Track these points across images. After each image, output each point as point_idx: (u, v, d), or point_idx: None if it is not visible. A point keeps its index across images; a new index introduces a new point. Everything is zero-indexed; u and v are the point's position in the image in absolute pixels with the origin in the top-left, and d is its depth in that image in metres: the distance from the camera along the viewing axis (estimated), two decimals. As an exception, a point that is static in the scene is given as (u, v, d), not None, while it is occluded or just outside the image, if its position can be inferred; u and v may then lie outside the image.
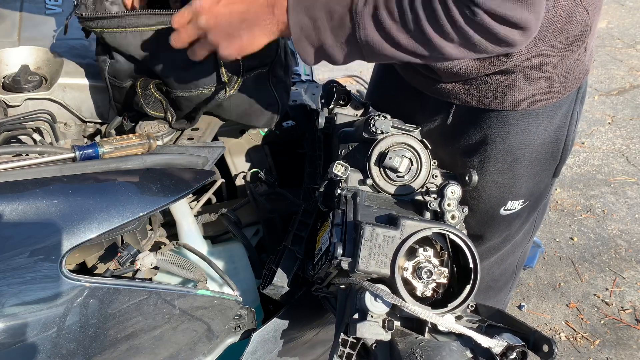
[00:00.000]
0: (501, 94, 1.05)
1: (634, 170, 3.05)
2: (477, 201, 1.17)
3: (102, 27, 1.01)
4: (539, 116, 1.08)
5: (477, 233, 1.23)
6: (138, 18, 1.00)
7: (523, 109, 1.06)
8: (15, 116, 1.06)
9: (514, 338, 0.79)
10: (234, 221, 1.24)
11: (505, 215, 1.20)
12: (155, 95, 1.07)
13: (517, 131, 1.08)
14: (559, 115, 1.10)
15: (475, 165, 1.13)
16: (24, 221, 0.84)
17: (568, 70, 1.05)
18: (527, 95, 1.05)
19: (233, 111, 1.12)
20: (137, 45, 1.02)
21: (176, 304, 0.97)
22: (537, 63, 1.02)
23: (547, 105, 1.07)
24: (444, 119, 1.15)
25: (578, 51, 1.04)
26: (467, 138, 1.13)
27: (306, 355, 1.24)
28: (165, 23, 1.00)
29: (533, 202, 1.22)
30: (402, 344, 0.78)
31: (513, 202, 1.18)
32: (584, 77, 1.11)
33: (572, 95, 1.11)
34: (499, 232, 1.24)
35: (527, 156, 1.12)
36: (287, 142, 1.42)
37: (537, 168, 1.15)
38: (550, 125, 1.10)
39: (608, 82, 3.79)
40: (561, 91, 1.07)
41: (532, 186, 1.17)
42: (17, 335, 0.82)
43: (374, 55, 0.83)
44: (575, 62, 1.05)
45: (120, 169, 0.98)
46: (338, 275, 0.89)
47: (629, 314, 2.28)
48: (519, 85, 1.04)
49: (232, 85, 1.06)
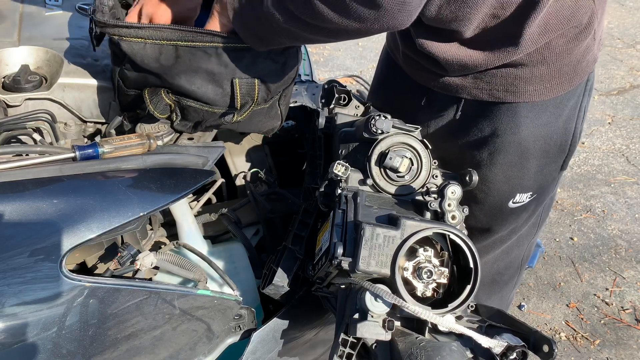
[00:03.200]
0: (512, 86, 1.05)
1: (634, 170, 3.05)
2: (485, 194, 1.17)
3: (121, 35, 0.99)
4: (549, 108, 1.08)
5: (485, 226, 1.23)
6: (160, 31, 0.99)
7: (534, 100, 1.06)
8: (15, 116, 1.06)
9: (514, 338, 0.79)
10: (234, 221, 1.24)
11: (513, 208, 1.20)
12: (165, 100, 1.06)
13: (527, 123, 1.08)
14: (568, 107, 1.11)
15: (484, 158, 1.14)
16: (24, 221, 0.84)
17: (578, 60, 1.05)
18: (538, 87, 1.05)
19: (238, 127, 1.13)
20: (155, 58, 1.01)
21: (176, 304, 0.97)
22: (547, 54, 1.02)
23: (558, 96, 1.07)
24: (452, 114, 1.15)
25: (587, 39, 1.04)
26: (477, 132, 1.13)
27: (306, 355, 1.24)
28: (186, 40, 1.00)
29: (540, 195, 1.22)
30: (403, 344, 0.78)
31: (521, 195, 1.18)
32: (593, 65, 1.11)
33: (581, 87, 1.11)
34: (507, 225, 1.25)
35: (537, 148, 1.12)
36: (287, 142, 1.42)
37: (545, 160, 1.15)
38: (560, 117, 1.11)
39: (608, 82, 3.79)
40: (571, 81, 1.07)
41: (540, 179, 1.18)
42: (17, 335, 0.82)
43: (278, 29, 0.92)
44: (585, 50, 1.05)
45: (120, 169, 0.98)
46: (338, 275, 0.89)
47: (629, 314, 2.28)
48: (529, 77, 1.04)
49: (241, 112, 1.06)
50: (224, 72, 1.02)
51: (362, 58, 4.28)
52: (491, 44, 1.00)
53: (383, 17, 0.81)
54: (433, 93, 1.16)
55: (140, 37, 0.99)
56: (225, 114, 1.06)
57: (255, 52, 1.02)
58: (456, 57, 1.03)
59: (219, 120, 1.08)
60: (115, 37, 1.00)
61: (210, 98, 1.04)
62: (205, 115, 1.07)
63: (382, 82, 1.37)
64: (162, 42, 1.00)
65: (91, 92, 1.19)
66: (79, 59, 1.21)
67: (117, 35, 0.99)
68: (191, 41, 0.99)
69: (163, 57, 1.01)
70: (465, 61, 1.03)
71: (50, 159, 0.94)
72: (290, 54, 1.06)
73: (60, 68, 1.18)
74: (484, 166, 1.14)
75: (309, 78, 1.65)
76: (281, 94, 1.11)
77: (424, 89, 1.17)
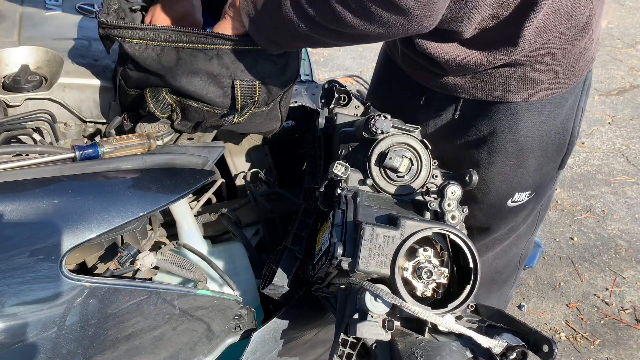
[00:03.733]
0: (510, 85, 1.05)
1: (634, 170, 3.05)
2: (484, 193, 1.18)
3: (123, 36, 1.00)
4: (547, 107, 1.09)
5: (484, 225, 1.24)
6: (161, 33, 0.99)
7: (532, 100, 1.07)
8: (16, 116, 1.06)
9: (514, 338, 0.79)
10: (234, 221, 1.24)
11: (512, 207, 1.20)
12: (167, 99, 1.06)
13: (525, 122, 1.09)
14: (566, 106, 1.11)
15: (483, 157, 1.14)
16: (24, 221, 0.84)
17: (575, 59, 1.06)
18: (536, 86, 1.05)
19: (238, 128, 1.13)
20: (156, 59, 1.01)
21: (176, 304, 0.97)
22: (545, 54, 1.02)
23: (556, 95, 1.08)
24: (450, 113, 1.15)
25: (585, 39, 1.04)
26: (475, 131, 1.13)
27: (306, 355, 1.24)
28: (187, 42, 1.00)
29: (538, 194, 1.22)
30: (402, 344, 0.78)
31: (520, 194, 1.19)
32: (591, 64, 1.11)
33: (579, 86, 1.11)
34: (506, 224, 1.25)
35: (535, 147, 1.12)
36: (287, 142, 1.42)
37: (544, 159, 1.15)
38: (558, 116, 1.11)
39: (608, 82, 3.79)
40: (569, 80, 1.07)
41: (538, 178, 1.18)
42: (17, 335, 0.82)
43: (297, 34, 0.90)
44: (582, 50, 1.06)
45: (120, 169, 0.98)
46: (338, 275, 0.89)
47: (629, 314, 2.28)
48: (527, 77, 1.04)
49: (242, 114, 1.06)
50: (224, 74, 1.02)
51: (362, 58, 4.28)
52: (490, 44, 1.00)
53: (409, 22, 0.80)
54: (432, 92, 1.16)
55: (142, 39, 0.99)
56: (226, 115, 1.06)
57: (256, 54, 1.02)
58: (455, 57, 1.03)
59: (219, 121, 1.08)
60: (118, 38, 1.00)
61: (211, 99, 1.04)
62: (206, 116, 1.07)
63: (380, 81, 1.37)
64: (164, 43, 1.00)
65: (91, 92, 1.19)
66: (79, 59, 1.21)
67: (120, 37, 0.99)
68: (192, 43, 0.99)
69: (164, 59, 1.01)
70: (464, 61, 1.03)
71: (50, 159, 0.94)
72: (291, 56, 1.07)
73: (60, 68, 1.18)
74: (483, 165, 1.14)
75: (309, 78, 1.65)
76: (282, 96, 1.11)
77: (422, 89, 1.17)
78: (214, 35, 0.99)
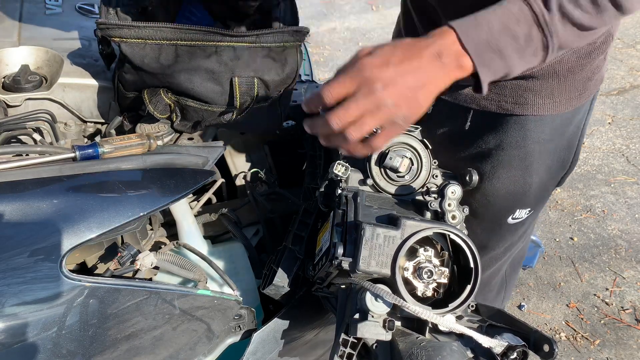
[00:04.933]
0: (521, 98, 1.03)
1: (634, 170, 3.05)
2: (485, 208, 1.15)
3: (121, 36, 0.99)
4: (556, 123, 1.07)
5: (482, 242, 1.20)
6: (159, 31, 0.99)
7: (542, 114, 1.05)
8: (16, 116, 1.06)
9: (515, 338, 0.79)
10: (234, 221, 1.24)
11: (511, 225, 1.18)
12: (165, 100, 1.06)
13: (533, 137, 1.07)
14: (574, 124, 1.09)
15: (487, 171, 1.11)
16: (24, 221, 0.84)
17: (588, 77, 1.04)
18: (547, 100, 1.04)
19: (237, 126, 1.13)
20: (155, 58, 1.01)
21: (176, 304, 0.97)
22: (559, 68, 1.01)
23: (565, 112, 1.06)
24: (460, 124, 1.12)
25: (599, 58, 1.03)
26: (481, 143, 1.11)
27: (307, 355, 1.24)
28: (185, 40, 0.99)
29: (536, 211, 1.21)
30: (403, 344, 0.78)
31: (521, 211, 1.16)
32: (600, 84, 1.10)
33: (587, 105, 1.09)
34: (503, 242, 1.23)
35: (540, 164, 1.10)
36: (287, 142, 1.42)
37: (547, 176, 1.13)
38: (565, 133, 1.09)
39: (608, 82, 3.79)
40: (580, 98, 1.06)
41: (539, 195, 1.16)
42: (17, 335, 0.82)
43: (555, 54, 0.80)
44: (595, 68, 1.05)
45: (120, 169, 0.98)
46: (338, 275, 0.89)
47: (629, 314, 2.28)
48: (539, 90, 1.03)
49: (241, 111, 1.06)
50: (223, 71, 1.02)
51: (362, 58, 4.27)
52: None
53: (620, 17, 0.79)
54: (440, 101, 1.14)
55: (140, 38, 0.99)
56: (224, 113, 1.06)
57: (254, 51, 1.02)
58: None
59: (218, 119, 1.08)
60: (116, 39, 1.00)
61: (210, 96, 1.04)
62: (204, 115, 1.07)
63: None
64: (162, 41, 1.00)
65: (91, 92, 1.19)
66: (79, 59, 1.21)
67: (119, 37, 0.99)
68: (190, 40, 0.99)
69: (163, 57, 1.01)
70: None
71: (50, 159, 0.94)
72: (290, 53, 1.06)
73: (60, 68, 1.18)
74: (486, 180, 1.12)
75: (309, 78, 1.65)
76: (281, 94, 1.11)
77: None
78: (212, 32, 0.99)
